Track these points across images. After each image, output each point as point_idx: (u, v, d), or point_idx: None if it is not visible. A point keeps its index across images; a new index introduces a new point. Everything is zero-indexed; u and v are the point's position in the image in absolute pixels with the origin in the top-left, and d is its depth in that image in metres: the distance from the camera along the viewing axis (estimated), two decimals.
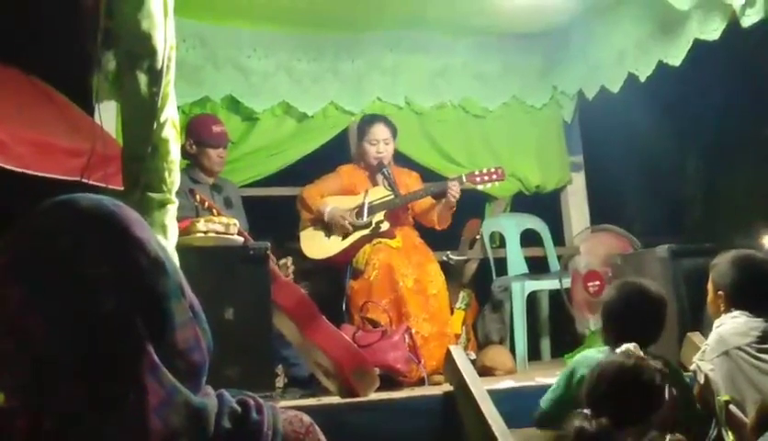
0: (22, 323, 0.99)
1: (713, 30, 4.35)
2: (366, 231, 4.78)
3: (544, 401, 3.30)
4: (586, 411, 2.37)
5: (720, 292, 3.20)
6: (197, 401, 1.04)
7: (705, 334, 3.79)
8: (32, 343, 0.99)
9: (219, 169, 4.67)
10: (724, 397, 2.94)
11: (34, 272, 1.00)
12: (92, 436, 0.97)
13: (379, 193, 4.88)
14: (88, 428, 0.98)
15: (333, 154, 5.48)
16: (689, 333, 3.68)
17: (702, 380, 3.05)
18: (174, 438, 1.00)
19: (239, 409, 1.09)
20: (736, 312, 3.11)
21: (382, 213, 4.81)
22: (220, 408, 1.07)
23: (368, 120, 5.06)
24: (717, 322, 3.17)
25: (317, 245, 4.83)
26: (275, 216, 5.09)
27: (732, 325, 3.07)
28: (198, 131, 4.57)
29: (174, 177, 2.89)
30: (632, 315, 3.09)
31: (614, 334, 3.09)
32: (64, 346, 0.98)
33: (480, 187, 4.95)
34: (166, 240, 2.85)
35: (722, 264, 3.24)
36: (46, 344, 0.98)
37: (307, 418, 1.18)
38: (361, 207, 4.78)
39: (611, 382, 2.43)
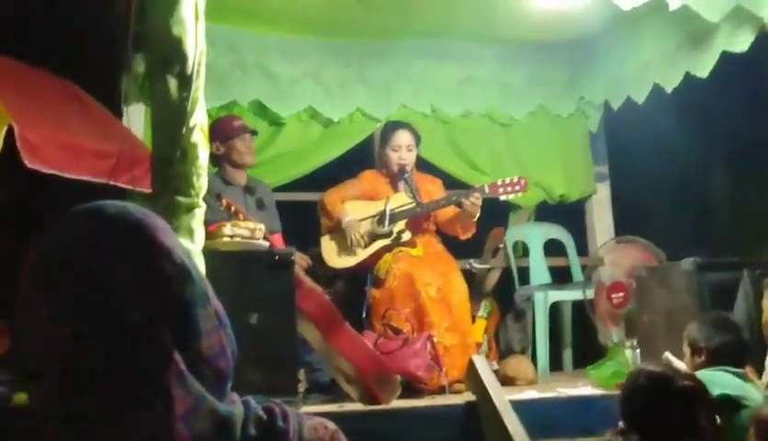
0: (50, 331, 1.00)
1: (742, 42, 4.31)
2: (386, 241, 4.77)
3: None
4: (620, 425, 2.35)
5: None
6: (224, 409, 1.04)
7: None
8: (59, 350, 0.99)
9: (249, 160, 4.69)
10: None
11: (61, 280, 1.01)
12: None
13: (401, 200, 4.87)
14: (115, 436, 0.98)
15: (359, 160, 5.49)
16: None
17: None
18: None
19: (264, 416, 1.10)
20: None
21: (404, 221, 4.80)
22: (246, 415, 1.07)
23: (391, 127, 5.06)
24: None
25: (337, 254, 4.82)
26: (300, 220, 5.11)
27: None
28: (221, 130, 4.61)
29: (201, 182, 2.92)
30: (734, 350, 3.08)
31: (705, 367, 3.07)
32: (91, 354, 0.99)
33: (502, 198, 4.92)
34: (193, 244, 2.87)
35: None
36: (73, 352, 0.99)
37: (331, 425, 1.18)
38: (382, 214, 4.77)
39: (645, 396, 2.39)
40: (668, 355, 2.82)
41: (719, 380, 2.90)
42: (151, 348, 1.00)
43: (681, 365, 3.24)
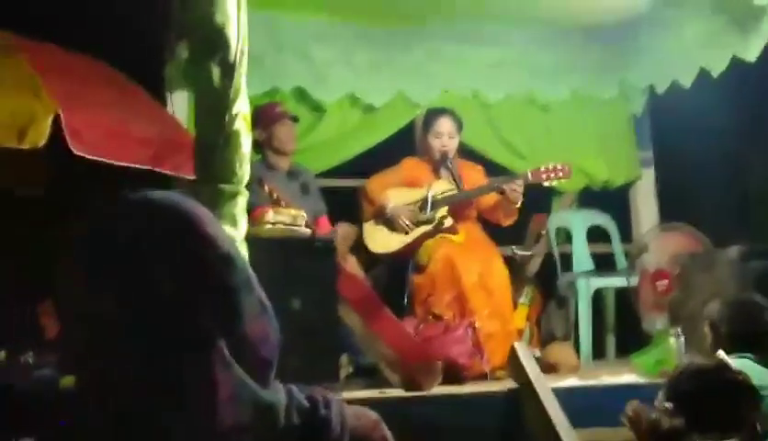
0: (95, 317, 1.02)
1: None
2: (428, 227, 4.77)
3: None
4: (669, 405, 2.34)
5: None
6: (267, 396, 1.05)
7: None
8: (105, 337, 1.01)
9: (291, 146, 4.73)
10: None
11: (107, 267, 1.02)
12: (162, 429, 0.99)
13: (443, 187, 4.87)
14: (158, 421, 1.00)
15: (400, 146, 5.48)
16: None
17: None
18: (243, 433, 1.01)
19: (307, 404, 1.10)
20: None
21: (445, 208, 4.80)
22: (289, 403, 1.08)
23: (433, 114, 5.05)
24: None
25: (379, 240, 4.84)
26: (340, 207, 5.12)
27: None
28: (263, 116, 4.64)
29: (244, 169, 2.94)
30: (755, 334, 3.01)
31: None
32: (135, 340, 1.00)
33: (545, 184, 4.89)
34: (236, 231, 2.90)
35: None
36: (118, 340, 1.00)
37: (373, 414, 1.18)
38: (424, 201, 4.77)
39: (692, 382, 2.38)
40: (721, 352, 2.77)
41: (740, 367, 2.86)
42: (195, 335, 1.01)
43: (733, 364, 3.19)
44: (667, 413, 2.30)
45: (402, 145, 5.49)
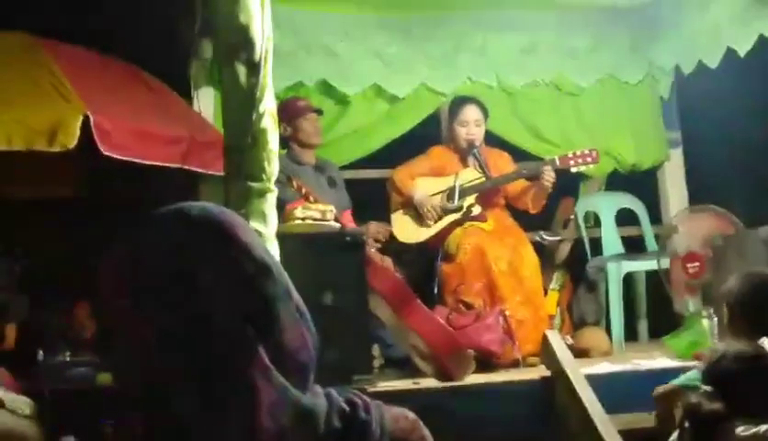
0: (136, 330, 1.03)
1: None
2: (457, 216, 4.77)
3: None
4: (708, 388, 2.34)
5: None
6: (308, 401, 1.06)
7: None
8: (145, 349, 1.03)
9: (316, 140, 4.76)
10: None
11: (146, 281, 1.04)
12: (204, 437, 1.01)
13: (470, 175, 4.86)
14: (200, 430, 1.01)
15: (424, 136, 5.48)
16: None
17: None
18: (285, 438, 1.03)
19: (347, 408, 1.11)
20: None
21: (473, 196, 4.80)
22: (330, 407, 1.09)
23: (459, 102, 5.04)
24: None
25: (408, 229, 4.85)
26: (367, 198, 5.14)
27: None
28: (287, 110, 4.66)
29: (273, 167, 2.96)
30: (762, 306, 2.95)
31: (745, 328, 2.96)
32: (176, 353, 1.02)
33: (573, 170, 4.87)
34: (266, 228, 2.92)
35: None
36: (158, 351, 1.02)
37: (412, 415, 1.19)
38: (452, 190, 4.78)
39: (733, 366, 2.37)
40: (765, 340, 2.74)
41: None
42: (235, 345, 1.03)
43: None
44: (707, 397, 2.31)
45: (427, 135, 5.49)
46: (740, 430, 2.24)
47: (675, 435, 2.38)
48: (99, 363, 4.00)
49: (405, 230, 4.85)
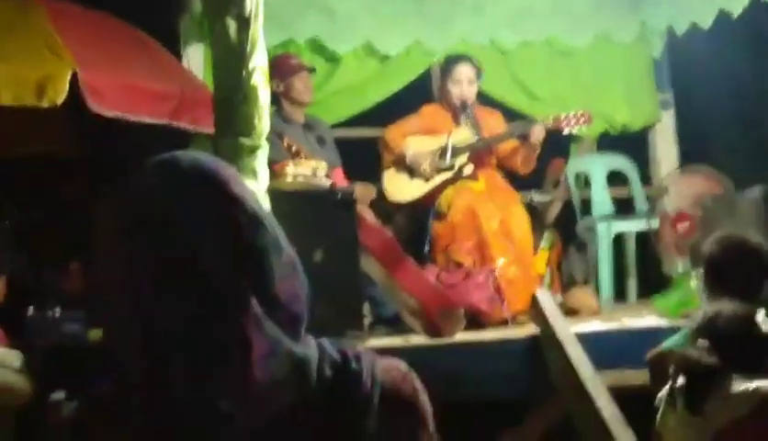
0: (128, 280, 1.04)
1: None
2: (449, 174, 4.77)
3: None
4: (705, 343, 2.37)
5: None
6: (300, 352, 1.07)
7: None
8: (138, 298, 1.03)
9: (308, 98, 4.73)
10: None
11: (139, 232, 1.04)
12: (199, 388, 1.02)
13: (463, 135, 4.85)
14: (195, 380, 1.02)
15: (415, 96, 5.45)
16: None
17: None
18: (278, 388, 1.03)
19: (339, 358, 1.12)
20: None
21: (465, 155, 4.79)
22: (321, 357, 1.10)
23: (453, 60, 5.01)
24: None
25: (399, 188, 4.84)
26: (358, 157, 5.12)
27: None
28: (280, 67, 4.61)
29: (263, 123, 2.95)
30: (737, 271, 2.97)
31: (717, 291, 2.98)
32: (168, 302, 1.02)
33: (565, 132, 4.87)
34: (257, 184, 2.92)
35: None
36: (151, 300, 1.02)
37: (404, 365, 1.20)
38: (444, 148, 4.76)
39: (730, 325, 2.42)
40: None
41: None
42: (227, 295, 1.03)
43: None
44: (705, 352, 2.34)
45: (418, 94, 5.46)
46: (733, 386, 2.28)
47: (665, 389, 2.42)
48: (90, 319, 4.00)
49: (397, 188, 4.85)
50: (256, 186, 2.95)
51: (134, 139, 4.23)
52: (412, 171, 4.82)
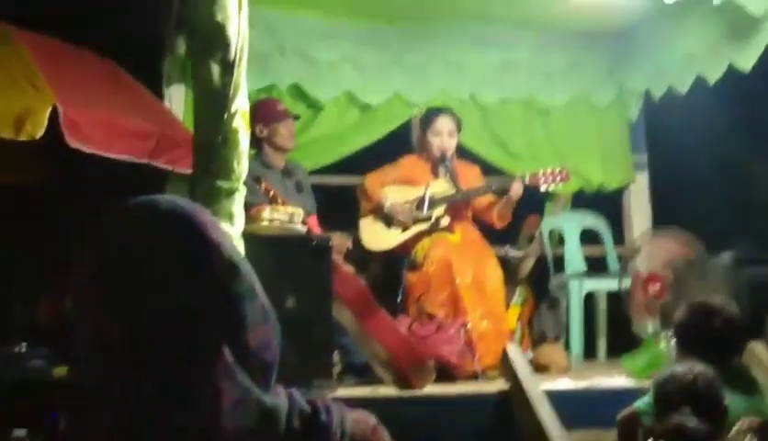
0: (102, 322, 1.03)
1: None
2: (425, 225, 4.80)
3: None
4: (687, 409, 2.42)
5: None
6: (269, 402, 1.06)
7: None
8: (108, 342, 1.02)
9: (291, 145, 4.75)
10: None
11: (112, 273, 1.03)
12: (165, 435, 1.01)
13: (441, 186, 4.89)
14: (162, 427, 1.01)
15: (395, 146, 5.49)
16: (750, 343, 3.62)
17: None
18: (246, 438, 1.03)
19: (308, 409, 1.11)
20: None
21: (443, 207, 4.82)
22: (291, 408, 1.09)
23: (434, 112, 5.07)
24: None
25: (376, 236, 4.86)
26: (335, 204, 5.14)
27: None
28: (265, 112, 4.66)
29: (242, 167, 2.95)
30: (708, 338, 3.01)
31: (689, 356, 3.02)
32: (139, 347, 1.01)
33: (543, 189, 4.92)
34: (233, 228, 2.91)
35: None
36: (121, 345, 1.01)
37: (373, 419, 1.20)
38: (422, 199, 4.80)
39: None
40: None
41: None
42: (199, 341, 1.03)
43: None
44: (688, 416, 2.38)
45: (397, 144, 5.51)
46: None
47: None
48: (56, 355, 3.95)
49: (373, 236, 4.86)
50: (232, 230, 2.94)
51: (111, 175, 4.22)
52: (389, 220, 4.84)
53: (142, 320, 1.02)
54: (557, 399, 3.48)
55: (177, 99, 4.89)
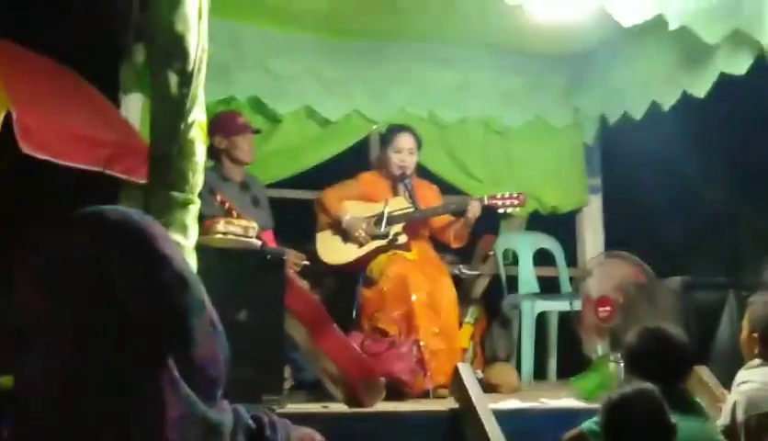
0: (48, 331, 1.02)
1: (740, 65, 4.34)
2: (383, 242, 4.81)
3: None
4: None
5: (755, 334, 3.20)
6: (214, 417, 1.06)
7: (713, 369, 3.80)
8: (53, 353, 1.01)
9: (249, 159, 4.72)
10: None
11: (60, 283, 1.02)
12: None
13: (399, 204, 4.91)
14: (105, 438, 1.00)
15: (352, 161, 5.51)
16: (696, 367, 3.67)
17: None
18: None
19: (253, 425, 1.11)
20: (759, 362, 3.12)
21: (400, 225, 4.84)
22: (236, 424, 1.09)
23: (395, 129, 5.09)
24: (741, 376, 3.16)
25: (333, 250, 4.86)
26: (292, 218, 5.12)
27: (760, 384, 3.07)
28: (225, 125, 4.64)
29: (197, 178, 2.93)
30: (656, 361, 3.05)
31: (638, 379, 3.06)
32: (85, 359, 1.00)
33: (500, 211, 4.96)
34: (186, 240, 2.88)
35: (759, 304, 3.23)
36: (69, 354, 1.00)
37: (318, 436, 1.20)
38: (380, 216, 4.81)
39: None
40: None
41: None
42: (145, 354, 1.02)
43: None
44: None
45: (354, 161, 5.51)
46: None
47: None
48: (2, 364, 3.88)
49: (330, 251, 4.86)
50: (186, 242, 2.92)
51: (66, 181, 4.17)
52: (346, 235, 4.85)
53: (86, 331, 1.01)
54: (506, 418, 3.49)
55: (134, 108, 4.84)
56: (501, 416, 3.46)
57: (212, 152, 4.51)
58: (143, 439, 1.00)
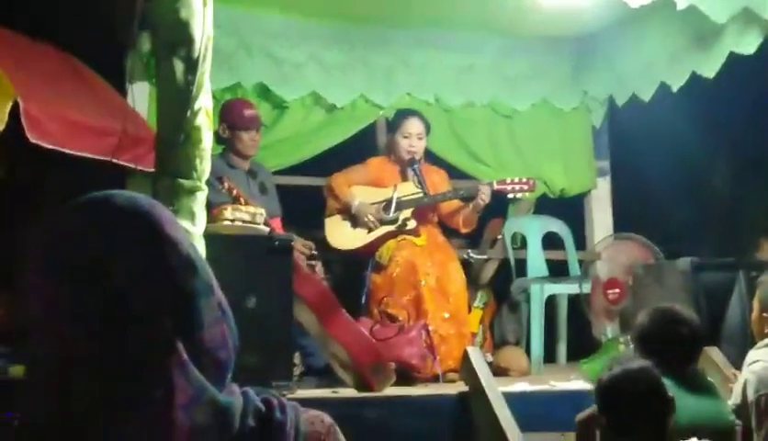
0: (54, 316, 1.02)
1: (749, 44, 4.31)
2: (392, 227, 4.81)
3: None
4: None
5: (765, 314, 3.19)
6: (224, 400, 1.06)
7: (723, 350, 3.79)
8: (61, 339, 1.01)
9: (252, 153, 4.71)
10: None
11: (66, 268, 1.02)
12: (119, 433, 1.00)
13: (408, 189, 4.90)
14: (116, 425, 1.00)
15: (360, 147, 5.50)
16: (706, 348, 3.67)
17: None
18: (200, 436, 1.02)
19: (263, 407, 1.11)
20: None
21: (410, 210, 4.83)
22: (245, 406, 1.09)
23: (403, 114, 5.07)
24: (752, 356, 3.15)
25: (342, 236, 4.86)
26: (299, 205, 5.12)
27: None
28: (231, 115, 4.62)
29: (204, 165, 2.94)
30: (666, 343, 3.04)
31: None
32: (93, 341, 1.00)
33: (509, 196, 4.96)
34: (194, 226, 2.89)
35: None
36: (76, 338, 1.00)
37: (328, 418, 1.20)
38: (389, 201, 4.81)
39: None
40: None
41: None
42: (153, 338, 1.02)
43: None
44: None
45: (360, 146, 5.51)
46: None
47: None
48: (13, 354, 3.90)
49: (339, 236, 4.86)
50: (193, 228, 2.93)
51: (73, 171, 4.18)
52: (355, 220, 4.84)
53: (97, 315, 1.01)
54: (516, 401, 3.49)
55: (141, 96, 4.83)
56: (510, 399, 3.46)
57: (220, 139, 4.52)
58: (152, 423, 1.00)
